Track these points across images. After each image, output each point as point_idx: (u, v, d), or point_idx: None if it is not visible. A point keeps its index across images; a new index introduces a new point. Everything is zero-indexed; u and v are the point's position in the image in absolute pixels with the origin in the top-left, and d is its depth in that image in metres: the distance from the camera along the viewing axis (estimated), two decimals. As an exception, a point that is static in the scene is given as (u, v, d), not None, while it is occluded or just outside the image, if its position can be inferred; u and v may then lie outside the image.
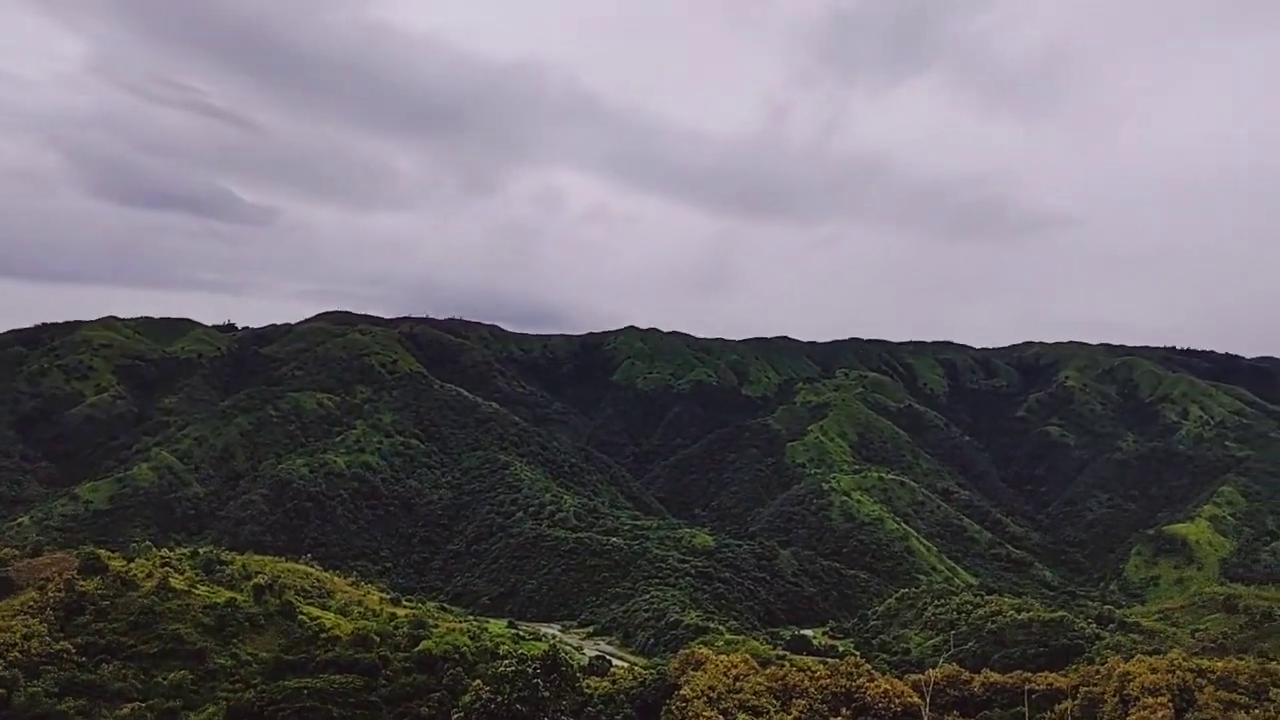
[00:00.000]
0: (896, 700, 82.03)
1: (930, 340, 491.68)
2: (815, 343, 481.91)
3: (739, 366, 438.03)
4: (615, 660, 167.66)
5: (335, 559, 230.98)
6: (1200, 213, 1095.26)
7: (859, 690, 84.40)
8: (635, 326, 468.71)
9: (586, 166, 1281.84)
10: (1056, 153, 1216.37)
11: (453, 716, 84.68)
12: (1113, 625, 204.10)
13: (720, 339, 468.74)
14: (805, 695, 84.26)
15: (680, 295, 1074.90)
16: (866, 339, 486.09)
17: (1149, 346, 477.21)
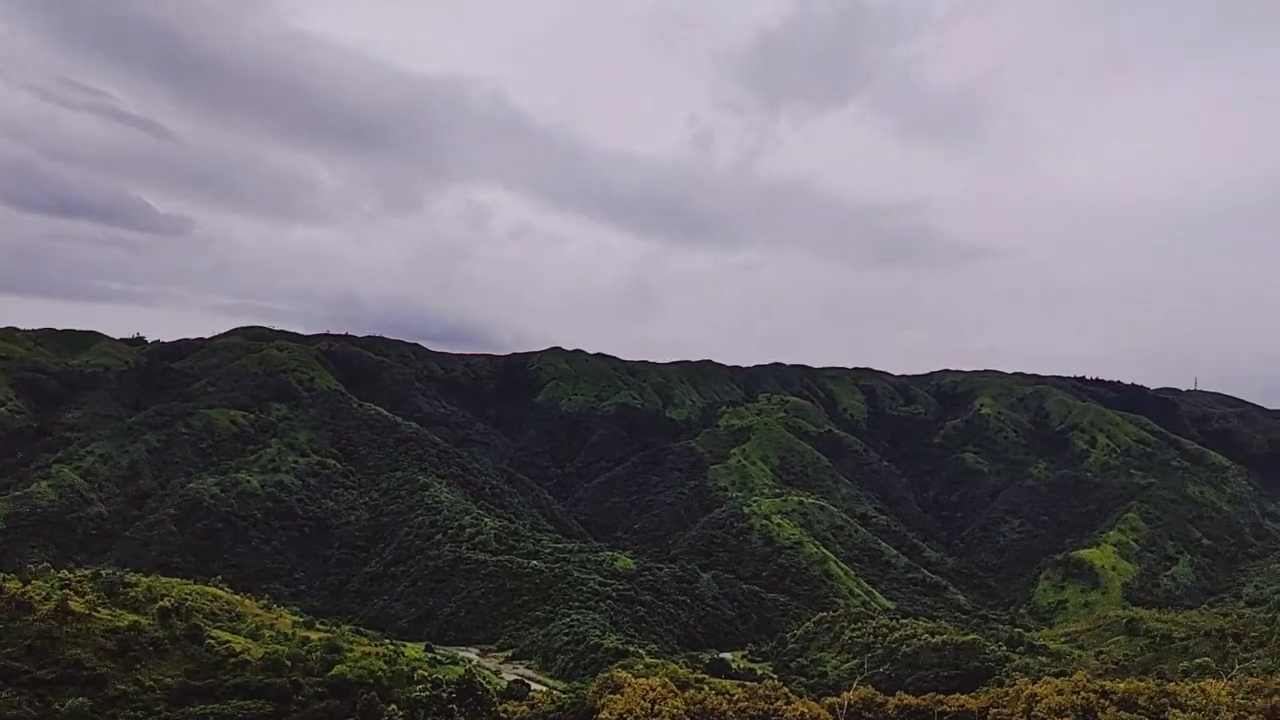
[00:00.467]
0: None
1: (851, 366, 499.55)
2: (739, 367, 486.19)
3: (664, 389, 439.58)
4: (534, 684, 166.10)
5: (247, 581, 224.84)
6: (1111, 248, 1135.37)
7: (776, 713, 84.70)
8: (560, 347, 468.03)
9: (512, 185, 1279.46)
10: (976, 184, 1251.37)
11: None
12: (1022, 648, 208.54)
13: (645, 361, 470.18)
14: (723, 719, 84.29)
15: (606, 317, 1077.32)
16: (789, 364, 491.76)
17: (1060, 376, 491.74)
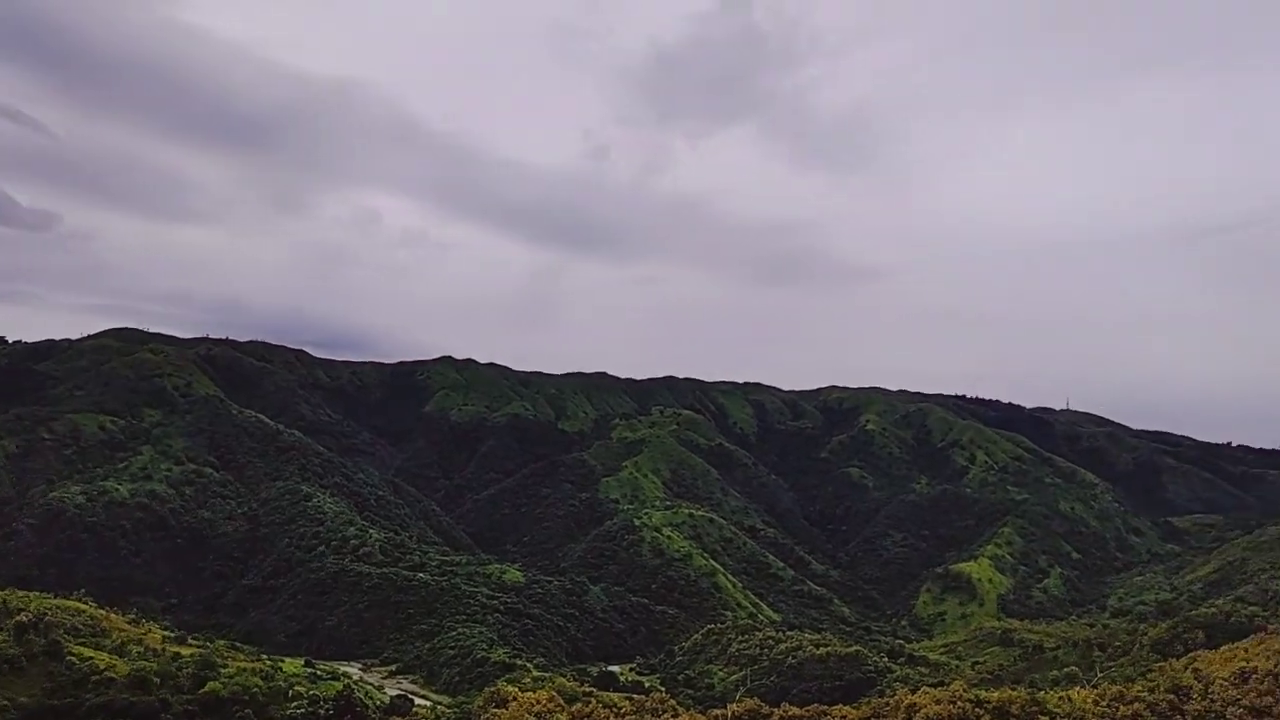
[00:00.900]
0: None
1: (742, 381, 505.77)
2: (633, 379, 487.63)
3: (557, 401, 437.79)
4: (418, 699, 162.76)
5: (114, 595, 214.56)
6: (990, 272, 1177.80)
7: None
8: (451, 357, 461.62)
9: (405, 191, 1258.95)
10: (864, 208, 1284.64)
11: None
12: (902, 659, 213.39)
13: (539, 372, 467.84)
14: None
15: (499, 327, 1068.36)
16: (682, 377, 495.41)
17: (942, 394, 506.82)
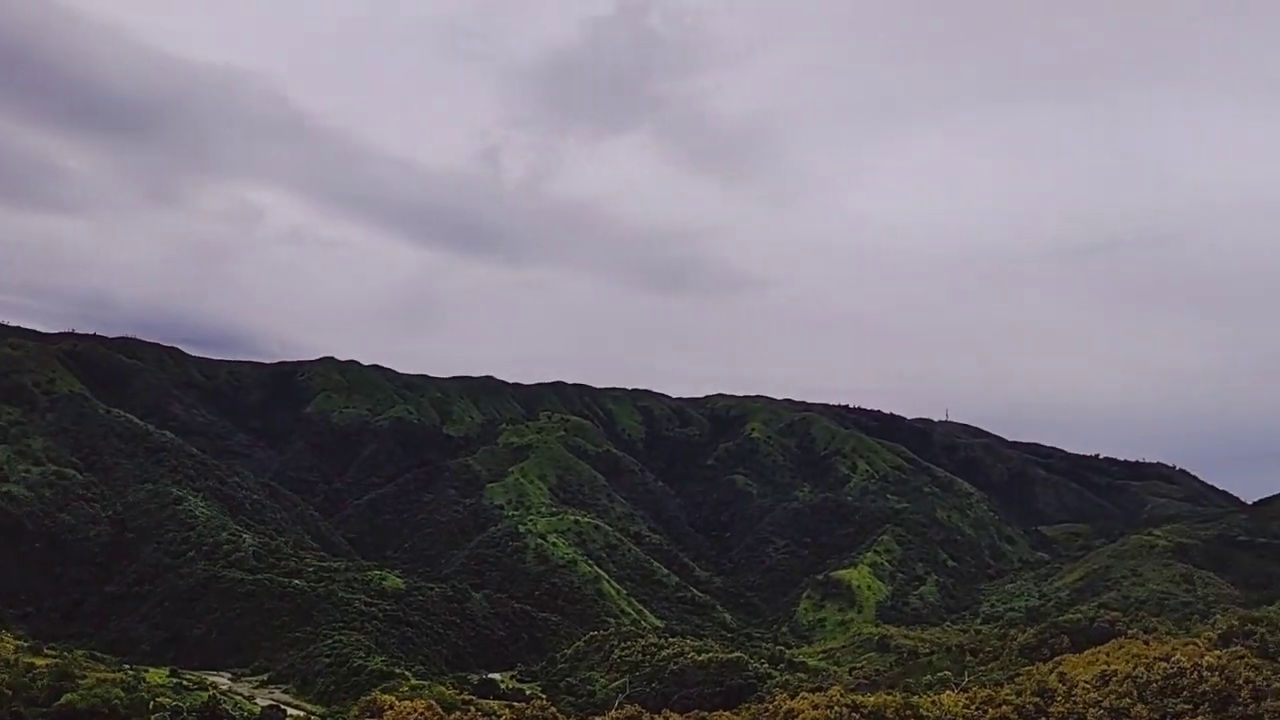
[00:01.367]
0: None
1: (631, 387, 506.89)
2: (521, 384, 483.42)
3: (442, 405, 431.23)
4: (290, 709, 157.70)
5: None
6: (875, 285, 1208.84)
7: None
8: (334, 358, 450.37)
9: (288, 186, 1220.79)
10: (754, 218, 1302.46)
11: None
12: (783, 665, 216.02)
13: (424, 376, 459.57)
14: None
15: (384, 328, 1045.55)
16: (571, 383, 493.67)
17: (826, 404, 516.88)
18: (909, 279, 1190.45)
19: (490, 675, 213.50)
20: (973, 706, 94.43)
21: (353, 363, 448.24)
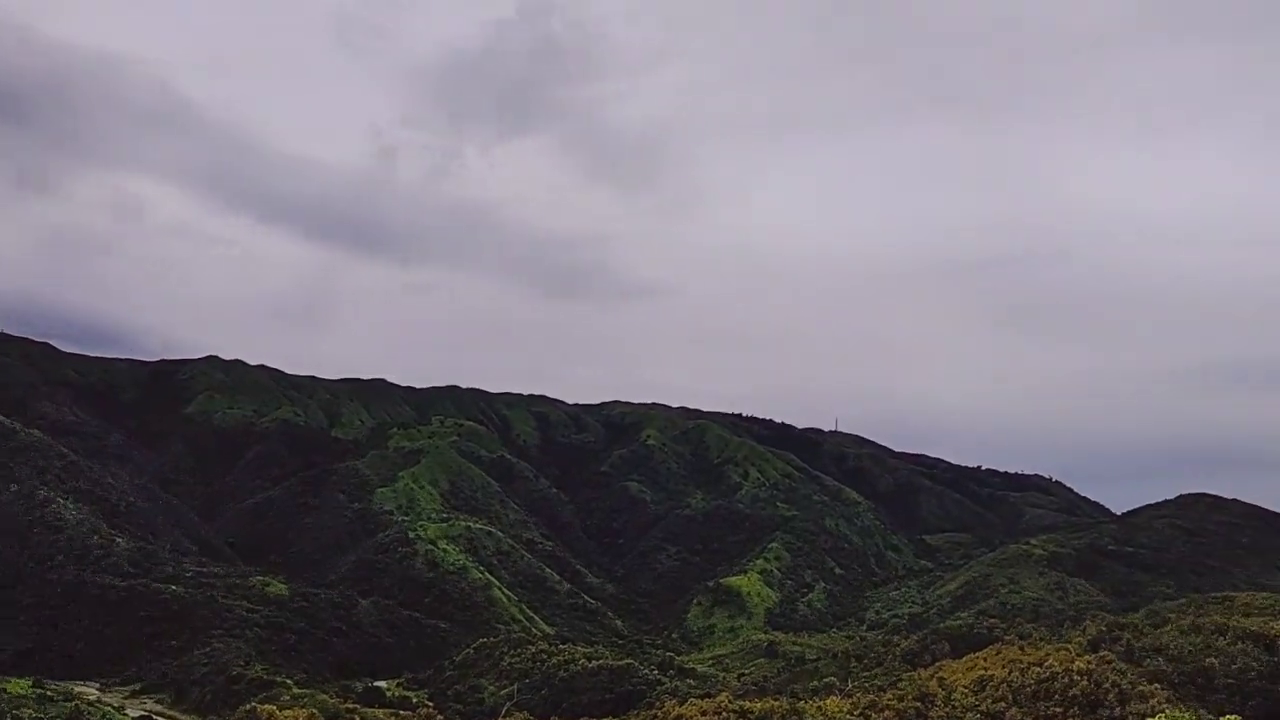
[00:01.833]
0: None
1: (526, 393, 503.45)
2: (413, 388, 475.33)
3: (331, 407, 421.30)
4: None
5: None
6: (769, 296, 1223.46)
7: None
8: (217, 357, 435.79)
9: (173, 178, 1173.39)
10: (651, 226, 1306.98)
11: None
12: (672, 671, 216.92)
13: (313, 377, 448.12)
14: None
15: (272, 327, 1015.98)
16: (465, 387, 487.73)
17: (720, 412, 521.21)
18: (802, 291, 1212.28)
19: (376, 683, 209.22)
20: (856, 712, 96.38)
21: (238, 362, 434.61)
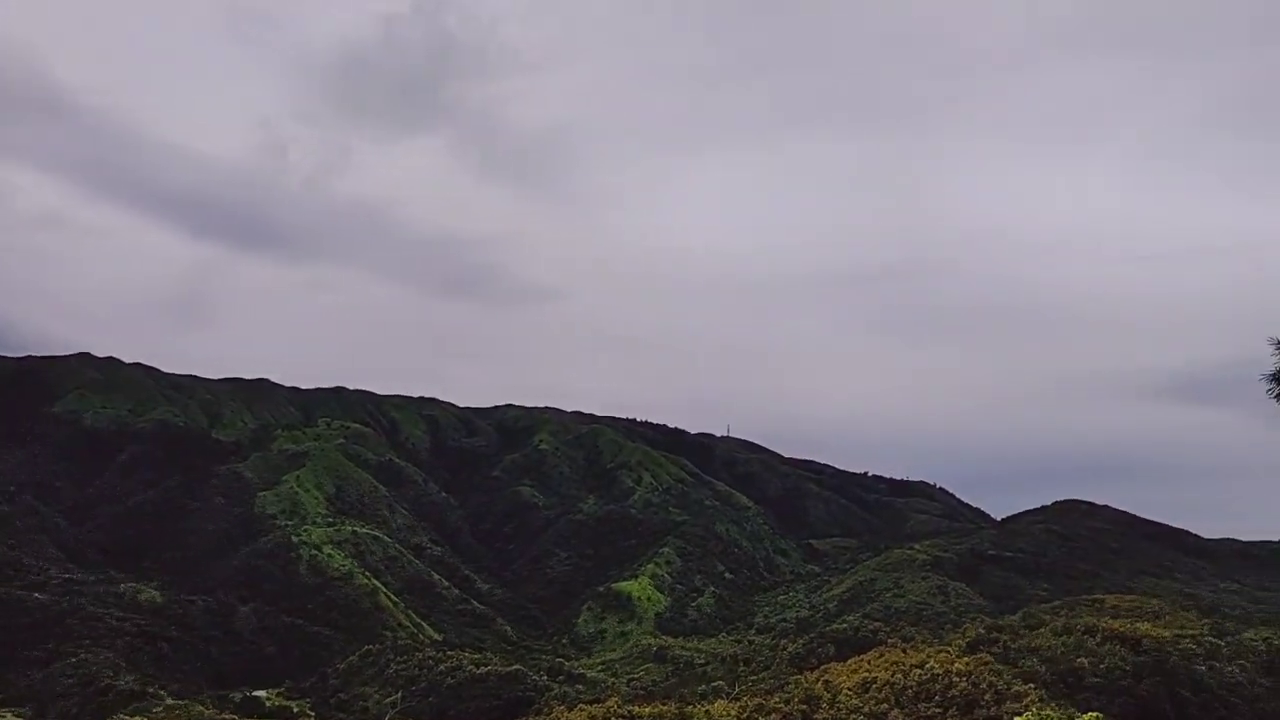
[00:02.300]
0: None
1: (416, 395, 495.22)
2: (299, 389, 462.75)
3: (211, 408, 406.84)
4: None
5: None
6: (665, 302, 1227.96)
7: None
8: (90, 354, 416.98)
9: (43, 166, 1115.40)
10: (548, 229, 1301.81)
11: None
12: (562, 677, 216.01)
13: (193, 376, 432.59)
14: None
15: (150, 324, 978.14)
16: (353, 389, 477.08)
17: (614, 417, 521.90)
18: (696, 297, 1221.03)
19: (255, 693, 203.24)
20: (743, 715, 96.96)
21: (112, 360, 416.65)
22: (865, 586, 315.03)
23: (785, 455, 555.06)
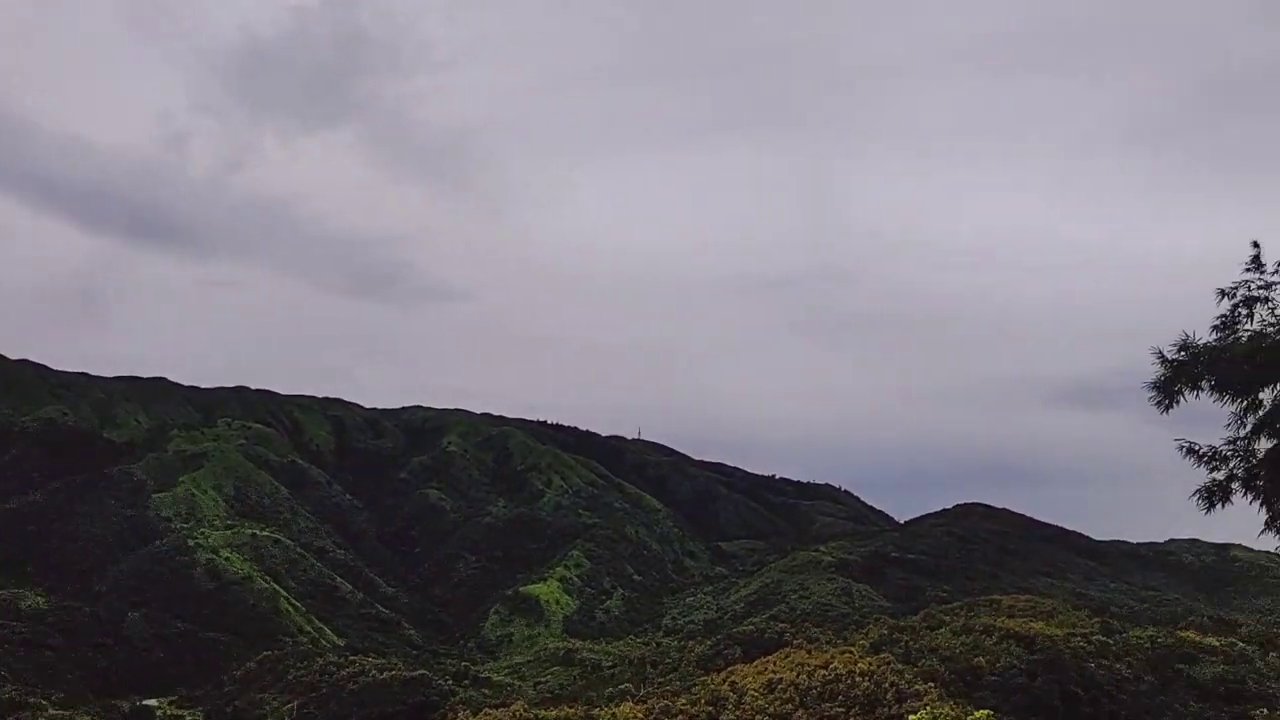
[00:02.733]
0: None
1: (321, 395, 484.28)
2: (198, 388, 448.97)
3: (104, 407, 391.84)
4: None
5: None
6: (577, 304, 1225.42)
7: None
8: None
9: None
10: (459, 229, 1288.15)
11: None
12: (467, 681, 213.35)
13: (84, 374, 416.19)
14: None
15: (40, 320, 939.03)
16: (255, 388, 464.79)
17: (525, 419, 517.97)
18: (608, 300, 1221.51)
19: (146, 702, 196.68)
20: (650, 717, 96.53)
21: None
22: (772, 588, 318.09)
23: (696, 458, 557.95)
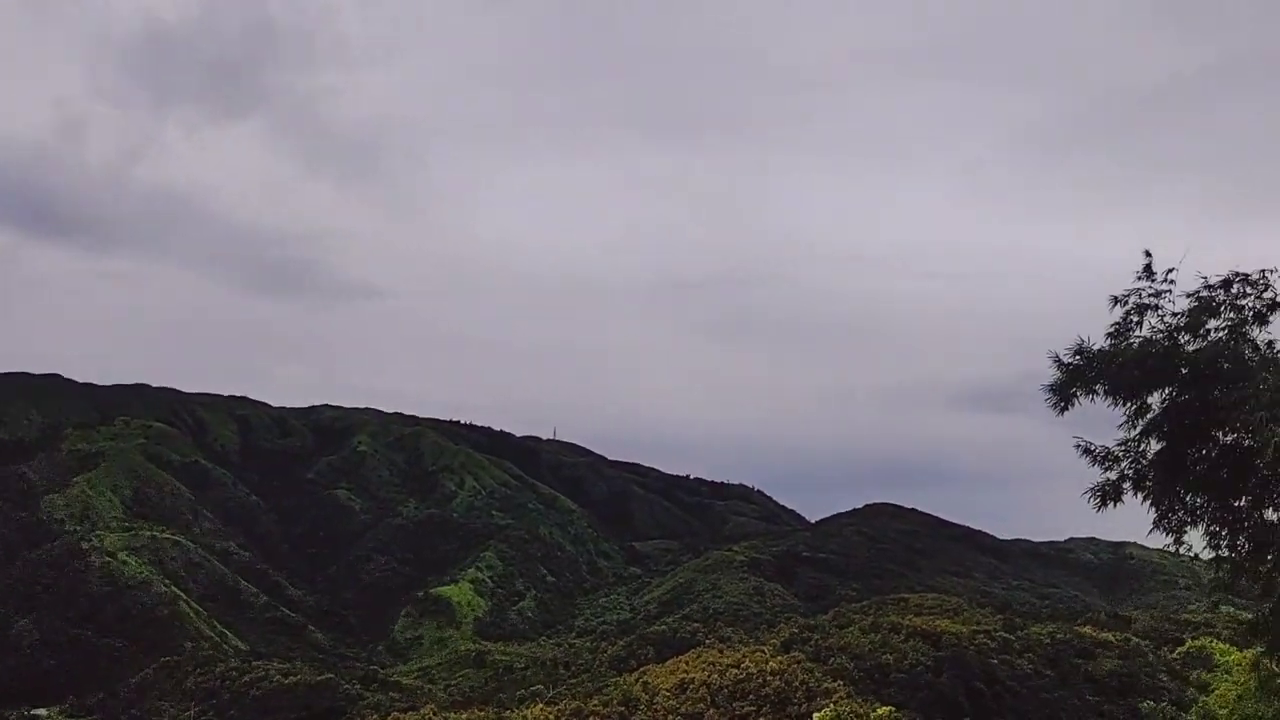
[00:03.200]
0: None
1: (226, 394, 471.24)
2: (95, 385, 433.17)
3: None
4: None
5: None
6: (489, 303, 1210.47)
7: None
8: None
9: None
10: (371, 226, 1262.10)
11: None
12: (376, 685, 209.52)
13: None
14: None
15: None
16: (156, 386, 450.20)
17: (437, 419, 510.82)
18: (523, 300, 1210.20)
19: (35, 711, 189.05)
20: (561, 718, 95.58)
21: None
22: (685, 588, 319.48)
23: (611, 458, 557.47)
